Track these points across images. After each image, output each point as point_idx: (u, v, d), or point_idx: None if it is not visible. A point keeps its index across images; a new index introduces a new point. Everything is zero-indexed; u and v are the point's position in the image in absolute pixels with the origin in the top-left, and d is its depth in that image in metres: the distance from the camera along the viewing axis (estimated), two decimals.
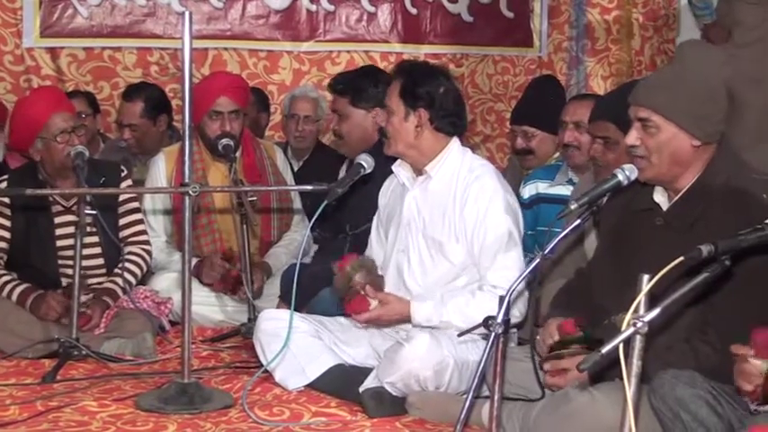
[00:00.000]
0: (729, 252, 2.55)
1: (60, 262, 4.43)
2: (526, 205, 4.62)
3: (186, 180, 3.65)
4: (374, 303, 3.72)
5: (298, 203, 5.09)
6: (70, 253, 4.24)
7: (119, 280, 4.46)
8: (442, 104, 3.80)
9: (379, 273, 3.90)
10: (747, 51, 5.79)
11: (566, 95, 5.57)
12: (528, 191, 4.70)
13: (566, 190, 4.53)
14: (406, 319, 3.73)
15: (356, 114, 4.62)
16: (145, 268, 4.65)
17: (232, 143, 4.67)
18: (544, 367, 3.16)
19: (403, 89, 3.81)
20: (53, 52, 6.15)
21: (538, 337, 3.26)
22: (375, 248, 4.11)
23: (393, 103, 3.83)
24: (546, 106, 4.97)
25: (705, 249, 2.52)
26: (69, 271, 4.24)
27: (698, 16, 6.31)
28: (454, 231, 3.77)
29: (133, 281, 4.55)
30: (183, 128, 3.68)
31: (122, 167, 4.69)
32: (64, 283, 4.41)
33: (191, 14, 3.64)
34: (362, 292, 3.72)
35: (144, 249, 4.64)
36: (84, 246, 4.27)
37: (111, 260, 4.51)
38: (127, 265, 4.51)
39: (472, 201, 3.74)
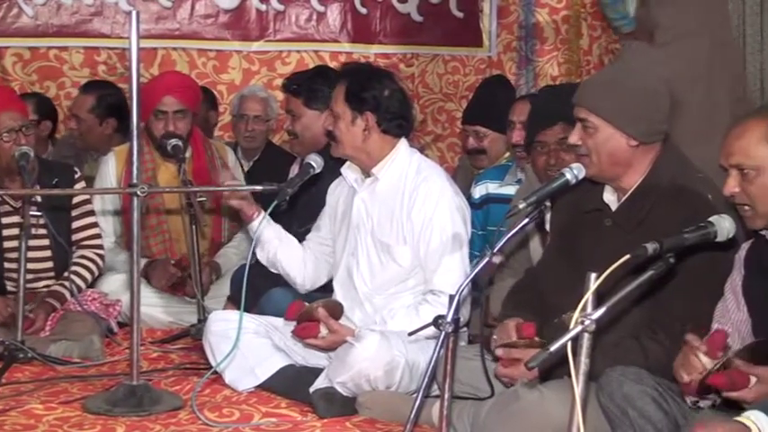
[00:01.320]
0: (674, 250, 2.59)
1: (6, 265, 4.38)
2: (476, 205, 4.66)
3: (134, 180, 3.63)
4: (324, 332, 3.71)
5: None
6: (16, 255, 4.19)
7: (67, 283, 4.42)
8: (388, 107, 3.81)
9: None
10: (669, 50, 5.87)
11: (516, 95, 5.61)
12: (478, 191, 4.73)
13: (515, 190, 4.56)
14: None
15: (309, 115, 4.62)
16: (96, 273, 4.61)
17: (181, 144, 4.64)
18: (496, 353, 3.15)
19: (348, 93, 3.81)
20: None
21: (494, 336, 3.27)
22: (310, 242, 4.12)
23: (339, 107, 3.84)
24: (497, 106, 5.00)
25: (650, 247, 2.57)
26: (15, 275, 4.20)
27: (616, 27, 6.41)
28: (402, 233, 3.78)
29: (82, 285, 4.50)
30: (130, 127, 3.66)
31: (75, 169, 4.66)
32: (8, 286, 4.35)
33: (138, 14, 3.62)
34: (315, 315, 3.70)
35: (96, 254, 4.60)
36: (33, 248, 4.23)
37: (61, 263, 4.47)
38: (77, 268, 4.48)
39: (420, 203, 3.75)
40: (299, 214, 4.42)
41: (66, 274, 4.45)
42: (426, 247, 3.74)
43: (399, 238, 3.79)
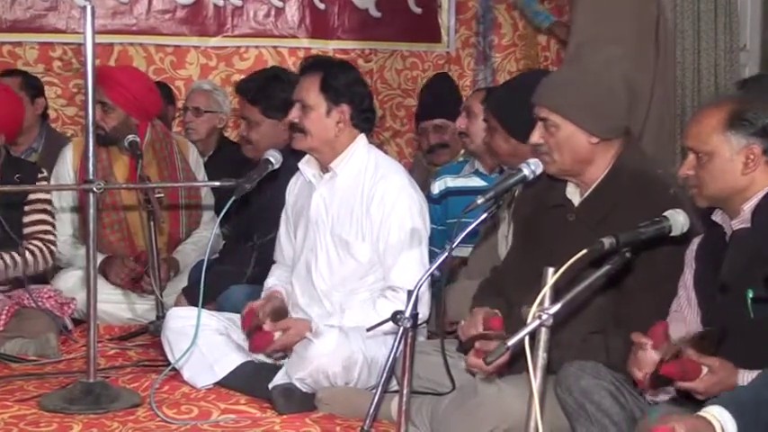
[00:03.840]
0: (630, 244, 2.61)
1: None
2: (436, 200, 4.69)
3: (90, 177, 3.61)
4: (278, 334, 3.71)
5: (209, 200, 5.05)
6: None
7: (6, 257, 4.37)
8: (362, 101, 3.80)
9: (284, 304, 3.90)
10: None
11: (460, 91, 5.67)
12: (437, 186, 4.76)
13: (472, 181, 4.60)
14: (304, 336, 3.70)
15: (268, 124, 4.58)
16: (41, 261, 4.51)
17: (138, 140, 4.61)
18: (475, 345, 3.14)
19: (324, 84, 3.77)
20: None
21: (461, 323, 3.26)
22: (284, 246, 4.09)
23: (311, 98, 3.78)
24: (452, 98, 5.08)
25: (607, 242, 2.59)
26: None
27: (537, 25, 6.46)
28: (361, 230, 3.77)
29: (20, 265, 4.40)
30: (86, 124, 3.64)
31: (41, 168, 4.62)
32: None
33: (93, 9, 3.60)
34: (263, 326, 3.71)
35: (46, 246, 4.54)
36: None
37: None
38: (23, 251, 4.42)
39: (378, 199, 3.75)
40: (259, 222, 4.40)
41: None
42: (385, 243, 3.74)
43: (358, 235, 3.78)
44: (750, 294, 2.65)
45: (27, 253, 4.46)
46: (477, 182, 4.58)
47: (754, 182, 2.74)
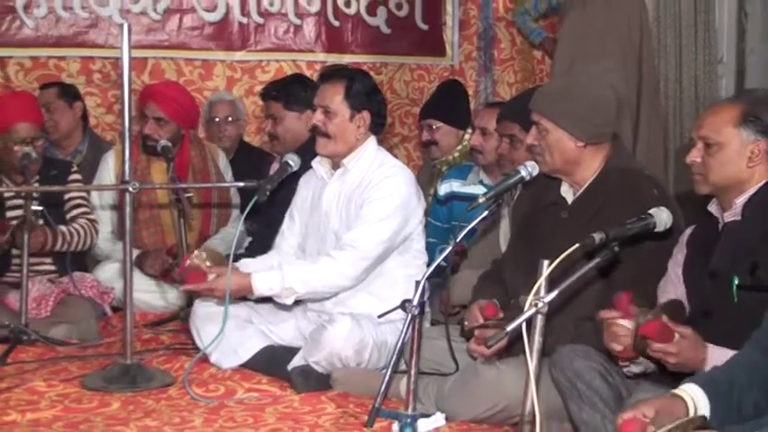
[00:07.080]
0: (618, 239, 2.62)
1: (13, 251, 4.37)
2: (442, 201, 4.70)
3: (126, 178, 3.64)
4: (211, 276, 3.58)
5: (236, 200, 5.09)
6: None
7: (63, 228, 4.43)
8: (380, 108, 3.80)
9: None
10: None
11: (467, 92, 5.68)
12: (444, 188, 4.77)
13: (476, 189, 4.59)
14: (246, 290, 3.61)
15: (290, 117, 4.64)
16: (90, 234, 4.56)
17: (170, 144, 4.64)
18: (475, 333, 3.14)
19: (348, 92, 3.73)
20: (1, 61, 5.97)
21: (465, 322, 3.27)
22: (286, 234, 4.03)
23: (334, 104, 3.74)
24: (446, 101, 5.11)
25: (597, 237, 2.60)
26: (19, 260, 4.19)
27: (531, 39, 6.46)
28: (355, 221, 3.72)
29: (73, 234, 4.47)
30: (122, 130, 3.65)
31: (72, 164, 4.68)
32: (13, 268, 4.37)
33: (129, 26, 3.62)
34: (202, 267, 3.60)
35: (91, 222, 4.58)
36: None
37: (59, 253, 4.45)
38: (72, 224, 4.51)
39: (374, 184, 3.69)
40: (282, 217, 4.40)
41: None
42: (358, 214, 3.68)
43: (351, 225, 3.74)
44: (735, 281, 2.64)
45: (78, 226, 4.51)
46: (480, 190, 4.55)
47: (753, 176, 2.73)
